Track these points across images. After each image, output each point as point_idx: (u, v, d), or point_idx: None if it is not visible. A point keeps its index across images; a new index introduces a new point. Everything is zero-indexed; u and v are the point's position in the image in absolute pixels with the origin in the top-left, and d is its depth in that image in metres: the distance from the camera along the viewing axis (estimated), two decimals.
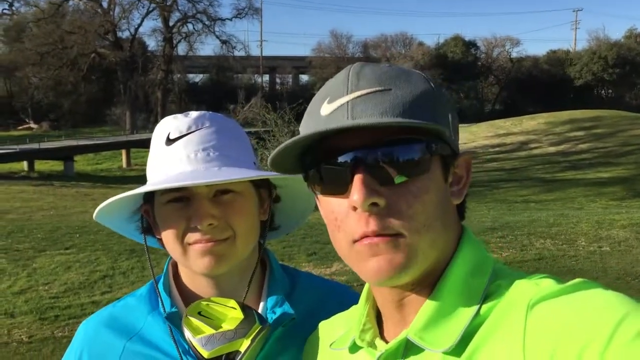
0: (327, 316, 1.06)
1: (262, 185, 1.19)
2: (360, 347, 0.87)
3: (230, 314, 1.04)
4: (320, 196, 0.83)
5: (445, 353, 0.74)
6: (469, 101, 65.28)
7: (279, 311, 1.15)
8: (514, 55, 68.80)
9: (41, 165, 31.10)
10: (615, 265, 8.39)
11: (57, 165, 31.53)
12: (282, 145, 0.77)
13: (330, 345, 0.97)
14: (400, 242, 0.74)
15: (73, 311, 6.69)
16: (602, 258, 8.84)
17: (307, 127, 0.81)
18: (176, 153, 1.11)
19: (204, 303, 1.07)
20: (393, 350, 0.80)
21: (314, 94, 0.85)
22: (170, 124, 1.15)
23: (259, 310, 1.18)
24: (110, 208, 1.16)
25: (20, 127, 51.22)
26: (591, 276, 7.85)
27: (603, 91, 69.71)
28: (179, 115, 1.17)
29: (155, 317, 1.16)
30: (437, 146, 0.77)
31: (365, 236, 0.75)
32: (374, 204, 0.74)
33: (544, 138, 35.59)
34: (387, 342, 0.84)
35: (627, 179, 25.42)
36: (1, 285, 7.64)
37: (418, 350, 0.78)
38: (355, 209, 0.75)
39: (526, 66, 67.11)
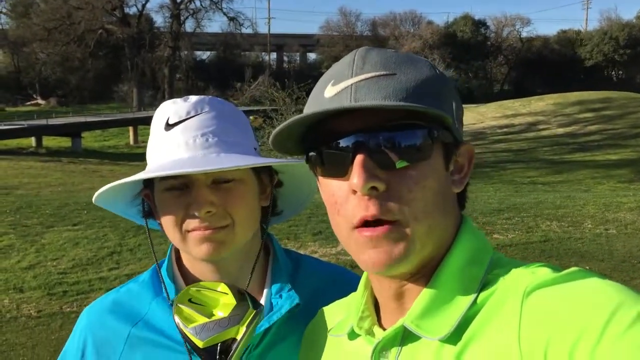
0: (330, 302, 1.06)
1: (263, 171, 1.17)
2: (359, 335, 0.87)
3: (222, 299, 1.00)
4: (321, 178, 0.83)
5: (442, 341, 0.75)
6: (478, 81, 64.80)
7: (284, 296, 1.15)
8: (524, 35, 68.18)
9: (49, 141, 31.21)
10: (622, 248, 8.36)
11: (64, 142, 31.62)
12: (282, 125, 0.77)
13: (329, 331, 0.97)
14: (399, 232, 0.74)
15: (81, 287, 6.77)
16: (609, 241, 8.81)
17: (309, 108, 0.81)
18: (174, 139, 1.09)
19: (194, 289, 1.02)
20: (390, 337, 0.81)
21: (321, 73, 0.85)
22: (170, 109, 1.13)
23: (263, 296, 1.18)
24: (110, 193, 1.15)
25: (28, 103, 51.32)
26: (597, 259, 7.85)
27: (613, 72, 68.96)
28: (178, 100, 1.15)
29: (159, 303, 1.16)
30: (440, 133, 0.77)
31: (364, 220, 0.75)
32: (374, 188, 0.74)
33: (553, 119, 35.34)
34: (384, 329, 0.85)
35: (635, 161, 25.26)
36: (10, 261, 7.72)
37: (415, 338, 0.78)
38: (354, 192, 0.75)
39: (536, 46, 66.39)
